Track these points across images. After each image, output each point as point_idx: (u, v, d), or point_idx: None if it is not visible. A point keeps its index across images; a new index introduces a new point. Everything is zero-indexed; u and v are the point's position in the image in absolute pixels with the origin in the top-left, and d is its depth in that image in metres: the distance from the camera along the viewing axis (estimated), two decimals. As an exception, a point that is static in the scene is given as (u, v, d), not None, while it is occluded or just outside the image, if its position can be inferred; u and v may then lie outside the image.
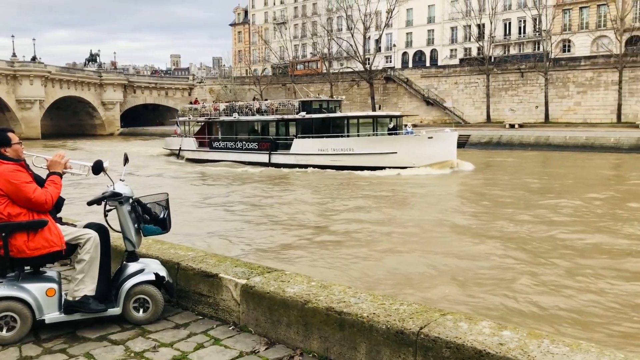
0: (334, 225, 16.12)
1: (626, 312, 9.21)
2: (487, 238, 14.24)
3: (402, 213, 18.09)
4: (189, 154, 38.43)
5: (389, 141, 30.14)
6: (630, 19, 55.08)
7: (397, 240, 14.24)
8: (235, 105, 38.27)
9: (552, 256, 12.61)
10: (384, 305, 3.65)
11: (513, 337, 3.10)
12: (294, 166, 31.10)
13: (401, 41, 78.90)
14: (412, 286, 10.56)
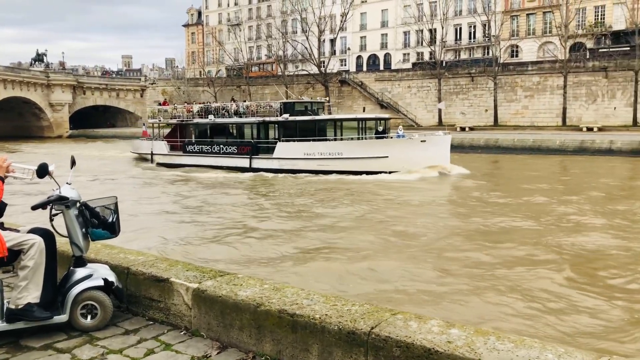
0: (303, 231, 15.99)
1: (571, 311, 9.57)
2: (463, 240, 14.52)
3: (379, 216, 17.97)
4: (160, 158, 36.50)
5: (380, 145, 28.88)
6: (574, 26, 57.29)
7: (368, 244, 14.26)
8: (211, 106, 36.58)
9: (509, 255, 12.97)
10: (337, 306, 3.68)
11: (460, 335, 3.18)
12: (278, 171, 29.69)
13: (355, 45, 79.62)
14: (375, 288, 10.66)
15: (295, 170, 29.17)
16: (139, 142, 40.45)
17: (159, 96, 79.62)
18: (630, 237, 14.63)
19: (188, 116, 36.67)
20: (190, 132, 36.51)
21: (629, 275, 11.40)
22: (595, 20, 59.51)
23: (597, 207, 18.64)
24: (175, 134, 37.23)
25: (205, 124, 35.14)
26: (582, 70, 50.58)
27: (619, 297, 10.06)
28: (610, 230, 15.42)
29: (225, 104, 37.81)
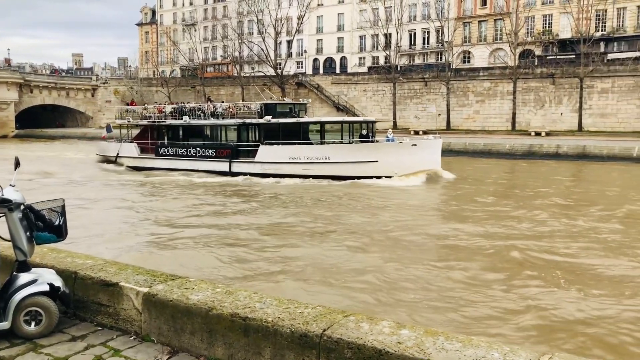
0: (271, 235, 15.84)
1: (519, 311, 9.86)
2: (435, 246, 14.71)
3: (351, 221, 17.61)
4: (129, 161, 34.59)
5: (370, 149, 27.79)
6: (523, 33, 59.12)
7: (331, 249, 14.26)
8: (185, 107, 34.77)
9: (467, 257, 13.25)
10: (289, 309, 3.68)
11: (411, 336, 3.24)
12: (260, 175, 28.48)
13: (312, 47, 79.85)
14: (335, 292, 10.70)
15: (279, 175, 27.97)
16: (106, 144, 38.18)
17: (110, 96, 77.78)
18: (580, 238, 15.20)
19: (160, 117, 34.83)
20: (162, 134, 34.46)
21: (573, 276, 11.83)
22: (543, 29, 61.54)
23: (554, 211, 19.27)
24: (145, 136, 35.25)
25: (180, 126, 33.43)
26: (531, 76, 52.23)
27: (562, 298, 10.43)
28: (563, 232, 15.98)
29: (201, 104, 36.03)
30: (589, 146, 36.95)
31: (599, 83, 48.70)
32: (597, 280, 11.49)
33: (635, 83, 47.16)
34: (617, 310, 9.74)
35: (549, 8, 61.07)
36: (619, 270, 12.16)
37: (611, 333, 8.79)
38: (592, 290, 10.69)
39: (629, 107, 47.57)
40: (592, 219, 17.71)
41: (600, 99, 48.67)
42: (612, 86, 48.20)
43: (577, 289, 10.79)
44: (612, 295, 10.47)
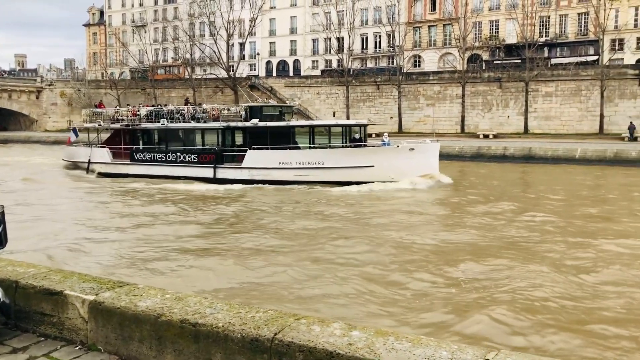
0: (231, 243, 15.54)
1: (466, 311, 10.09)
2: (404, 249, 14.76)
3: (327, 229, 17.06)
4: (101, 167, 32.50)
5: (366, 153, 26.80)
6: (471, 38, 60.67)
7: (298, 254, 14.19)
8: (162, 110, 32.65)
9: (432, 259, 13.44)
10: (240, 313, 3.65)
11: (361, 337, 3.26)
12: (248, 182, 27.10)
13: (265, 50, 79.59)
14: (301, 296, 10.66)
15: (269, 181, 26.72)
16: (74, 150, 35.75)
17: (57, 98, 75.28)
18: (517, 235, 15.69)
19: (134, 120, 32.81)
20: (137, 138, 32.58)
21: (520, 273, 12.19)
22: (490, 34, 63.31)
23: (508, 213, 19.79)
24: (116, 140, 33.21)
25: (158, 129, 31.48)
26: (479, 80, 53.62)
27: (504, 297, 10.73)
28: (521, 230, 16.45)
29: (180, 107, 34.08)
30: (534, 148, 38.19)
31: (544, 87, 50.47)
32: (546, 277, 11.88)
33: (577, 87, 49.11)
34: (562, 308, 10.10)
35: (495, 14, 62.89)
36: (565, 262, 12.62)
37: (558, 329, 9.11)
38: (541, 288, 11.05)
39: (572, 110, 49.48)
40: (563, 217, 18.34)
41: (544, 102, 50.44)
42: (556, 90, 50.03)
43: (525, 285, 11.13)
44: (559, 292, 10.85)
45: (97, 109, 37.31)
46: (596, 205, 21.33)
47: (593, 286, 11.24)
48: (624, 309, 9.96)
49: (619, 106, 47.26)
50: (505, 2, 61.23)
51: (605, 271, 12.22)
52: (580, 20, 58.63)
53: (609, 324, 9.19)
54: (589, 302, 10.37)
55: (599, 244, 14.71)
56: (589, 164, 34.77)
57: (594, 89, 47.74)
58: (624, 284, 11.36)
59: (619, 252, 13.88)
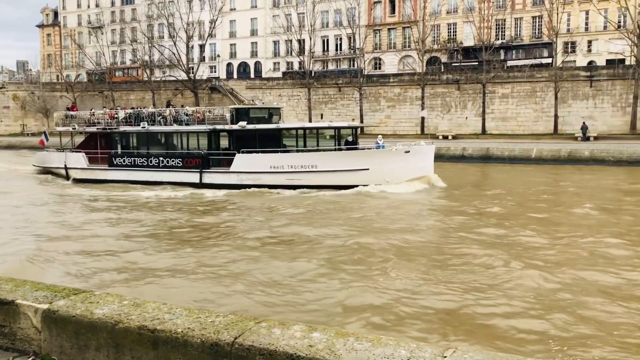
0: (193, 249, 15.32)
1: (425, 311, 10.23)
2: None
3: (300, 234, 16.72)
4: (77, 173, 31.23)
5: (361, 156, 26.17)
6: (430, 41, 61.65)
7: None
8: (143, 112, 31.39)
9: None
10: (200, 318, 3.62)
11: (322, 338, 3.28)
12: (237, 187, 26.27)
13: (225, 52, 78.99)
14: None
15: (259, 186, 26.00)
16: (47, 154, 34.14)
17: (9, 101, 72.94)
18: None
19: (111, 123, 31.54)
20: (115, 142, 31.28)
21: (475, 271, 12.45)
22: (448, 37, 64.46)
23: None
24: (92, 145, 31.80)
25: (138, 133, 30.32)
26: (438, 82, 54.51)
27: (461, 295, 10.94)
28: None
29: (162, 109, 32.97)
30: (492, 148, 39.05)
31: (500, 88, 51.67)
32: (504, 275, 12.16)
33: (532, 89, 50.45)
34: (518, 306, 10.35)
35: (453, 17, 64.05)
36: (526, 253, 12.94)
37: (512, 327, 9.34)
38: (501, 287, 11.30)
39: (527, 111, 50.80)
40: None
41: (501, 103, 51.64)
42: (512, 91, 51.29)
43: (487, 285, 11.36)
44: (517, 290, 11.12)
45: (70, 112, 35.58)
46: (562, 203, 21.97)
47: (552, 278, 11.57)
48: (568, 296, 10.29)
49: (572, 107, 48.77)
50: (462, 6, 62.44)
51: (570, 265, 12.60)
52: (535, 24, 60.27)
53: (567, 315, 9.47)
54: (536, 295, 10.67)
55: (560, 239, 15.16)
56: (545, 163, 35.79)
57: (549, 91, 49.14)
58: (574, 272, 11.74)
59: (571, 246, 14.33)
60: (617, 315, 9.64)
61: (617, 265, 12.72)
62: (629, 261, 13.14)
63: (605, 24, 55.22)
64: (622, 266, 12.68)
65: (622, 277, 11.82)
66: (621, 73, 47.35)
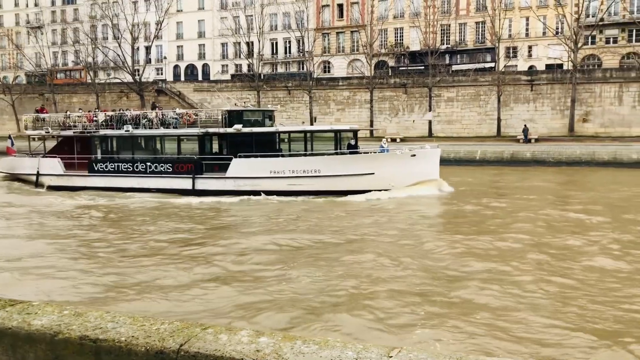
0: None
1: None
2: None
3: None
4: (51, 180, 29.34)
5: (366, 160, 25.54)
6: (378, 45, 62.53)
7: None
8: (125, 114, 29.74)
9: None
10: (144, 326, 3.54)
11: (269, 343, 3.27)
12: (233, 193, 25.21)
13: (172, 54, 77.69)
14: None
15: (257, 192, 25.09)
16: (16, 160, 32.01)
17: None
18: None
19: (90, 126, 29.80)
20: (95, 147, 29.52)
21: (419, 275, 12.69)
22: (395, 41, 65.57)
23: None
24: (66, 150, 30.09)
25: (121, 137, 28.77)
26: (386, 86, 55.32)
27: (406, 298, 11.14)
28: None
29: (147, 112, 31.33)
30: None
31: (446, 92, 52.93)
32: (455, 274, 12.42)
33: (476, 92, 51.93)
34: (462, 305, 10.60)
35: (400, 22, 65.20)
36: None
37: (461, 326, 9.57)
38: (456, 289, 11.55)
39: (471, 115, 52.24)
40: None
41: (447, 107, 52.90)
42: (457, 95, 52.64)
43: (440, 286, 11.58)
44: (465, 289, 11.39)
45: (40, 114, 33.19)
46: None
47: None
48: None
49: (514, 110, 50.48)
50: (409, 11, 63.65)
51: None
52: (478, 29, 62.08)
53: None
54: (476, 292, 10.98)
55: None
56: (489, 164, 36.88)
57: (492, 94, 50.69)
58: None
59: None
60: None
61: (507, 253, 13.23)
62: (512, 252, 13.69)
63: (544, 30, 57.44)
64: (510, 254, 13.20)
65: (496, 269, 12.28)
66: (560, 77, 49.40)
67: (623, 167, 34.98)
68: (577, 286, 11.51)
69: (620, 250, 14.47)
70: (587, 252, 14.38)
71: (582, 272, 12.48)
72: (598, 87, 47.92)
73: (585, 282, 11.80)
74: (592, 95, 48.13)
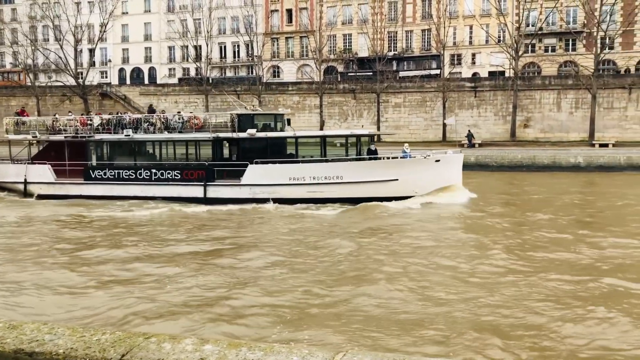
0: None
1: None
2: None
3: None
4: (41, 188, 27.43)
5: (390, 166, 24.58)
6: (327, 51, 62.98)
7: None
8: (124, 118, 27.97)
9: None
10: (84, 337, 3.45)
11: (214, 350, 3.24)
12: (248, 201, 23.96)
13: (117, 57, 75.78)
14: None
15: (276, 200, 23.88)
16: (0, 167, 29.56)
17: None
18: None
19: (84, 130, 27.87)
20: (89, 153, 27.64)
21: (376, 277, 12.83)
22: (344, 47, 66.18)
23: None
24: (52, 155, 28.18)
25: (121, 142, 27.09)
26: (335, 91, 55.78)
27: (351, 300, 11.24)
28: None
29: (148, 115, 29.47)
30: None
31: (393, 98, 53.83)
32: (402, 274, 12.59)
33: (423, 98, 53.05)
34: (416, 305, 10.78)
35: (348, 28, 65.85)
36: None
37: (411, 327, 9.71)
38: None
39: (418, 120, 53.31)
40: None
41: (394, 112, 53.80)
42: (404, 101, 53.62)
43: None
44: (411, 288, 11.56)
45: (21, 117, 30.80)
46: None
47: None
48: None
49: (459, 116, 51.74)
50: (357, 17, 64.38)
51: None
52: (424, 37, 63.41)
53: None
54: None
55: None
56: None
57: (437, 100, 51.89)
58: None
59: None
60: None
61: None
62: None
63: (487, 39, 59.27)
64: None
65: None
66: (502, 84, 51.11)
67: (562, 170, 36.52)
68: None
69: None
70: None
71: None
72: (538, 94, 49.84)
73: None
74: (532, 101, 50.00)
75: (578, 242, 16.43)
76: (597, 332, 9.26)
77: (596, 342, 8.91)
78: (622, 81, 48.10)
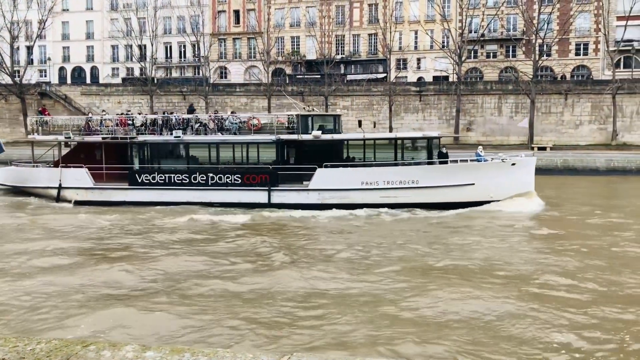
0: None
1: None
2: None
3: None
4: (78, 194, 25.38)
5: (467, 170, 23.51)
6: (275, 53, 62.82)
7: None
8: (171, 118, 26.07)
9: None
10: (17, 347, 3.31)
11: (156, 357, 3.17)
12: (316, 207, 22.80)
13: (57, 55, 73.12)
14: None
15: (348, 205, 22.69)
16: (26, 170, 27.37)
17: None
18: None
19: (126, 131, 25.94)
20: (131, 155, 25.82)
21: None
22: (292, 49, 66.19)
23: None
24: (82, 158, 26.42)
25: (171, 143, 25.47)
26: (283, 93, 55.69)
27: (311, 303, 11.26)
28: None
29: (198, 115, 27.86)
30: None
31: (341, 101, 54.28)
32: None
33: (370, 102, 53.75)
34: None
35: (296, 30, 65.93)
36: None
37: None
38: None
39: (365, 123, 53.80)
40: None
41: (342, 115, 54.18)
42: (352, 104, 54.16)
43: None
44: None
45: (44, 116, 28.51)
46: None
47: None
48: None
49: (405, 119, 52.79)
50: (305, 20, 64.54)
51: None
52: (371, 41, 64.24)
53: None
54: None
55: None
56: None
57: (384, 104, 52.69)
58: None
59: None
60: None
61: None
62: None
63: (432, 44, 60.59)
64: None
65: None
66: (445, 89, 52.44)
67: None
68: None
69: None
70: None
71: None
72: (480, 99, 51.38)
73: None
74: (474, 105, 51.50)
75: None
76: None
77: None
78: (559, 87, 50.27)
